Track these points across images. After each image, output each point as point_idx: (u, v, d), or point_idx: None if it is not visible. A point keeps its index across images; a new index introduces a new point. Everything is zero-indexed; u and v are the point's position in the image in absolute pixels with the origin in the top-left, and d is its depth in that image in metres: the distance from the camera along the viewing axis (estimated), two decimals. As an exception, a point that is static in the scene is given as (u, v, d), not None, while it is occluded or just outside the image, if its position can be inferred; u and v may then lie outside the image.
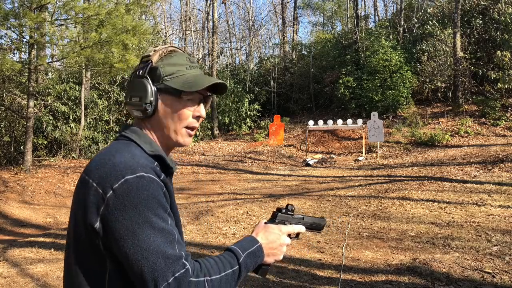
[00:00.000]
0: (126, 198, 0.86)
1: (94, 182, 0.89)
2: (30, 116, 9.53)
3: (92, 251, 0.90)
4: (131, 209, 0.85)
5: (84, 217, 0.89)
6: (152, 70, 1.01)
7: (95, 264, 0.91)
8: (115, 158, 0.92)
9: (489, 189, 6.85)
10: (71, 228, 0.96)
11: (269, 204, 6.79)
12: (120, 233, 0.85)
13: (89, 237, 0.89)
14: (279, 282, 3.55)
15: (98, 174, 0.90)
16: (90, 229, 0.88)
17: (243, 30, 35.03)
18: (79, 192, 0.93)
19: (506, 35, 14.27)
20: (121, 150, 0.95)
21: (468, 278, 3.45)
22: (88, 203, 0.88)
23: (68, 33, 9.34)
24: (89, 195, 0.89)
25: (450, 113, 15.18)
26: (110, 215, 0.86)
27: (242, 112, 19.76)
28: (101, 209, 0.87)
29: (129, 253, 0.84)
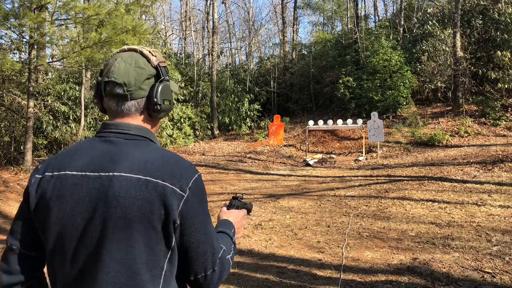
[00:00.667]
0: (198, 194, 1.01)
1: (166, 182, 0.96)
2: (30, 116, 9.53)
3: (156, 243, 0.95)
4: (202, 203, 1.02)
5: (161, 215, 0.94)
6: None
7: (155, 258, 0.96)
8: (175, 159, 1.02)
9: (489, 189, 6.85)
10: (116, 229, 0.93)
11: (269, 204, 6.79)
12: (196, 225, 0.99)
13: (162, 232, 0.95)
14: (279, 282, 3.55)
15: (167, 175, 0.97)
16: (170, 225, 0.95)
17: (243, 30, 35.08)
18: (136, 193, 0.94)
19: (506, 35, 14.27)
20: (161, 149, 1.05)
21: (468, 278, 3.45)
22: (166, 201, 0.95)
23: (68, 33, 9.34)
24: (165, 195, 0.95)
25: (450, 113, 15.17)
26: (189, 211, 0.98)
27: (242, 112, 19.75)
28: (180, 207, 0.96)
29: (201, 240, 1.00)
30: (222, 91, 20.34)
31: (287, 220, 5.74)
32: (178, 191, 0.96)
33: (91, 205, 0.96)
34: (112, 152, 1.00)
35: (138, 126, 1.06)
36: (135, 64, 1.06)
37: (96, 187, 0.96)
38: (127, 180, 0.95)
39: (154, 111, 1.07)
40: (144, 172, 0.96)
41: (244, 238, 4.94)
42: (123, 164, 0.97)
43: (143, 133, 1.05)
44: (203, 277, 1.02)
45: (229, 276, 3.72)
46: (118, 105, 1.06)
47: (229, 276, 3.72)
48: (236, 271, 3.83)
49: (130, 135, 1.03)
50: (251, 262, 4.09)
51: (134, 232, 0.93)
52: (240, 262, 4.07)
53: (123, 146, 1.01)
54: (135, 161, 0.97)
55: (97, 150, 1.02)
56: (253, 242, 4.76)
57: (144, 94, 1.07)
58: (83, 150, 1.03)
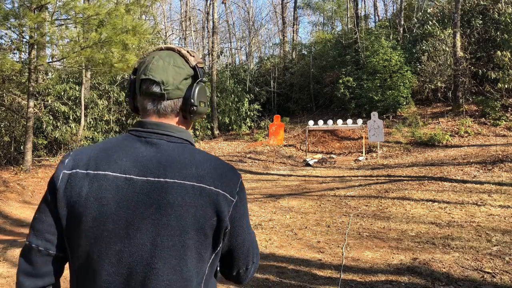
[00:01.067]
0: (243, 198, 1.03)
1: (218, 188, 0.96)
2: (30, 116, 9.53)
3: (205, 249, 0.96)
4: (246, 206, 1.05)
5: (213, 221, 0.95)
6: None
7: (202, 263, 0.96)
8: (221, 164, 1.02)
9: (489, 189, 6.85)
10: (170, 237, 0.92)
11: (269, 204, 6.79)
12: (243, 227, 1.02)
13: (213, 238, 0.96)
14: (279, 282, 3.55)
15: (218, 181, 0.97)
16: (222, 231, 0.97)
17: (243, 30, 35.09)
18: (191, 201, 0.92)
19: (506, 35, 14.27)
20: (205, 153, 1.04)
21: (468, 278, 3.45)
22: (218, 207, 0.95)
23: (68, 33, 9.33)
24: (218, 201, 0.95)
25: (450, 113, 15.17)
26: (237, 215, 1.00)
27: (242, 112, 19.76)
28: (230, 211, 0.97)
29: (246, 239, 1.04)
30: (222, 91, 20.34)
31: (287, 220, 5.74)
32: (229, 197, 0.97)
33: (137, 210, 0.92)
34: (158, 156, 0.96)
35: (180, 128, 1.03)
36: (174, 63, 1.03)
37: (145, 192, 0.92)
38: (181, 187, 0.92)
39: (190, 113, 1.04)
40: (197, 179, 0.94)
41: (244, 238, 4.95)
42: (174, 169, 0.94)
43: (185, 136, 1.03)
44: (244, 270, 1.06)
45: (229, 276, 3.72)
46: (154, 104, 1.02)
47: (229, 276, 3.72)
48: (236, 271, 3.83)
49: (173, 138, 1.00)
50: (251, 262, 4.09)
51: (187, 239, 0.92)
52: (240, 262, 4.07)
53: (168, 149, 0.97)
54: (186, 167, 0.95)
55: (140, 151, 0.97)
56: (253, 242, 4.76)
57: (181, 95, 1.03)
58: (123, 150, 0.98)
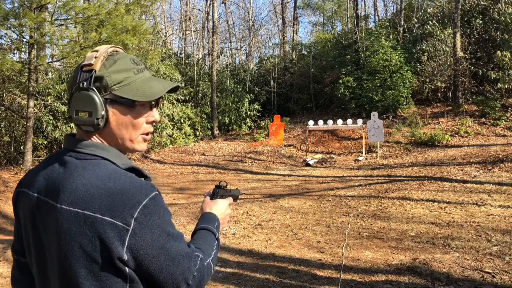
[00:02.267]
0: (149, 222, 0.88)
1: (105, 216, 0.85)
2: (30, 116, 9.53)
3: (107, 277, 0.88)
4: (156, 229, 0.89)
5: (104, 252, 0.85)
6: (97, 79, 0.93)
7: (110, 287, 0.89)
8: (113, 183, 0.88)
9: (489, 189, 6.85)
10: (59, 267, 0.89)
11: (269, 204, 6.79)
12: (153, 254, 0.88)
13: (112, 269, 0.87)
14: (279, 282, 3.55)
15: (106, 207, 0.85)
16: (117, 261, 0.86)
17: (243, 30, 35.06)
18: (76, 229, 0.86)
19: (506, 35, 14.27)
20: (108, 172, 0.90)
21: (468, 278, 3.45)
22: (105, 238, 0.84)
23: (68, 33, 9.34)
24: (104, 230, 0.84)
25: (450, 113, 15.17)
26: (139, 243, 0.87)
27: (242, 112, 19.76)
28: (126, 240, 0.85)
29: (163, 266, 0.90)
30: (222, 91, 20.34)
31: (287, 220, 5.74)
32: (120, 225, 0.85)
33: (42, 232, 0.93)
34: (60, 177, 0.92)
35: (90, 142, 0.95)
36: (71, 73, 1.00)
37: (44, 215, 0.92)
38: (67, 214, 0.87)
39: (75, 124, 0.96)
40: (82, 206, 0.86)
41: (244, 238, 4.95)
42: (65, 194, 0.88)
43: (96, 151, 0.94)
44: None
45: (229, 276, 3.72)
46: None
47: (229, 276, 3.72)
48: (236, 271, 3.83)
49: (80, 154, 0.94)
50: (251, 262, 4.09)
51: (78, 268, 0.87)
52: (240, 262, 4.07)
53: (72, 168, 0.92)
54: (76, 191, 0.88)
55: (53, 170, 0.95)
56: (253, 242, 4.76)
57: None
58: (45, 168, 0.97)
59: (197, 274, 0.96)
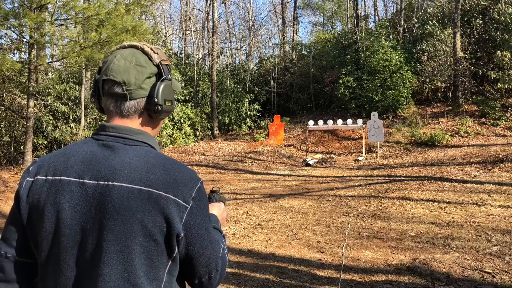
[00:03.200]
0: (201, 204, 0.98)
1: (169, 194, 0.91)
2: (30, 116, 9.53)
3: (158, 255, 0.92)
4: (205, 212, 1.00)
5: (164, 228, 0.91)
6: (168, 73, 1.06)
7: (156, 270, 0.92)
8: (171, 165, 0.96)
9: (489, 189, 6.85)
10: (115, 242, 0.90)
11: (269, 204, 6.79)
12: (201, 234, 0.97)
13: (166, 246, 0.92)
14: (279, 282, 3.55)
15: (169, 185, 0.92)
16: (173, 238, 0.92)
17: (243, 30, 35.05)
18: (138, 206, 0.89)
19: (506, 35, 14.28)
20: (161, 156, 0.99)
21: (468, 278, 3.45)
22: (168, 214, 0.90)
23: (68, 33, 9.33)
24: (167, 206, 0.90)
25: (450, 113, 15.18)
26: (193, 221, 0.95)
27: (242, 112, 19.76)
28: (184, 218, 0.93)
29: (205, 247, 0.98)
30: (222, 91, 20.34)
31: (287, 220, 5.74)
32: (181, 203, 0.92)
33: (89, 215, 0.91)
34: (111, 159, 0.94)
35: (138, 130, 1.01)
36: (136, 62, 1.00)
37: (95, 197, 0.91)
38: (128, 191, 0.90)
39: (154, 112, 1.01)
40: (146, 183, 0.91)
41: (244, 238, 4.95)
42: (123, 173, 0.91)
43: (144, 139, 1.00)
44: (207, 279, 1.01)
45: (229, 276, 3.72)
46: (116, 105, 1.00)
47: (229, 276, 3.72)
48: (236, 271, 3.83)
49: (130, 140, 0.98)
50: (251, 262, 4.09)
51: (134, 245, 0.89)
52: (240, 262, 4.07)
53: (123, 152, 0.95)
54: (137, 170, 0.92)
55: (95, 155, 0.95)
56: (253, 242, 4.76)
57: (145, 94, 1.01)
58: (80, 154, 0.96)
59: (221, 262, 1.04)
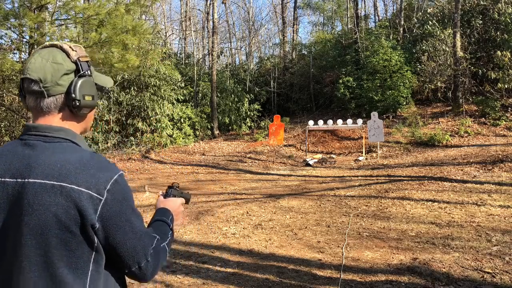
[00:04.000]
0: (119, 195, 0.99)
1: (81, 187, 0.95)
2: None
3: (77, 246, 0.95)
4: (124, 203, 1.01)
5: (78, 220, 0.94)
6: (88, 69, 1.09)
7: (77, 260, 0.96)
8: (86, 160, 0.99)
9: (489, 189, 6.85)
10: (32, 236, 0.94)
11: (269, 204, 6.79)
12: (120, 225, 0.99)
13: (83, 237, 0.95)
14: (279, 282, 3.55)
15: (82, 179, 0.95)
16: (89, 229, 0.95)
17: (243, 30, 35.04)
18: (51, 200, 0.93)
19: (506, 35, 14.28)
20: (79, 151, 1.02)
21: (468, 278, 3.45)
22: (81, 206, 0.94)
23: (68, 33, 9.33)
24: (80, 199, 0.94)
25: (450, 113, 15.18)
26: (110, 213, 0.97)
27: (242, 112, 19.76)
28: (98, 210, 0.96)
29: (127, 238, 1.01)
30: (222, 91, 20.34)
31: (287, 220, 5.74)
32: (94, 195, 0.95)
33: (9, 212, 0.96)
34: (29, 157, 0.98)
35: (58, 127, 1.04)
36: (52, 60, 1.03)
37: (14, 194, 0.96)
38: (41, 187, 0.94)
39: (73, 107, 1.04)
40: (58, 178, 0.94)
41: (244, 238, 4.95)
42: (38, 169, 0.96)
43: (64, 135, 1.03)
44: (138, 268, 1.04)
45: (229, 276, 3.72)
46: (37, 103, 1.04)
47: (229, 276, 3.72)
48: (236, 271, 3.83)
49: (50, 137, 1.01)
50: (251, 262, 4.09)
51: (50, 237, 0.93)
52: (240, 262, 4.07)
53: (41, 150, 0.99)
54: (51, 166, 0.96)
55: (16, 154, 1.00)
56: (253, 242, 4.76)
57: (63, 90, 1.04)
58: (4, 155, 1.01)
59: (153, 253, 1.07)
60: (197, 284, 3.57)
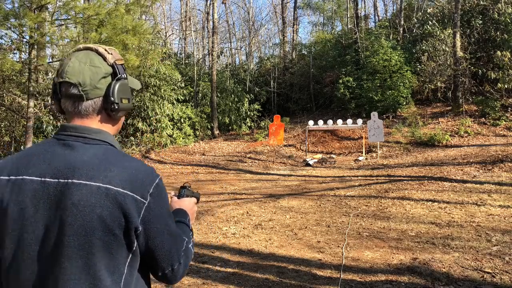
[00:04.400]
0: (160, 199, 1.01)
1: (126, 189, 0.96)
2: (30, 116, 9.53)
3: (118, 249, 0.96)
4: (164, 207, 1.03)
5: (122, 223, 0.95)
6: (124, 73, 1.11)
7: (116, 263, 0.96)
8: (129, 163, 1.01)
9: (489, 189, 6.86)
10: (76, 237, 0.93)
11: (269, 204, 6.79)
12: (160, 228, 1.01)
13: (125, 240, 0.96)
14: (279, 282, 3.55)
15: (126, 182, 0.96)
16: (132, 232, 0.96)
17: (243, 30, 35.03)
18: (97, 202, 0.93)
19: (506, 35, 14.28)
20: (120, 154, 1.04)
21: (468, 278, 3.45)
22: (126, 209, 0.95)
23: (68, 33, 9.33)
24: (125, 202, 0.95)
25: (450, 113, 15.18)
26: (151, 216, 0.99)
27: (242, 112, 19.75)
28: (141, 213, 0.97)
29: (165, 241, 1.03)
30: (222, 91, 20.34)
31: (287, 220, 5.74)
32: (139, 198, 0.96)
33: (51, 212, 0.94)
34: (70, 157, 0.98)
35: (97, 129, 1.04)
36: (90, 63, 1.04)
37: (56, 194, 0.95)
38: (86, 188, 0.94)
39: (112, 110, 1.05)
40: (104, 180, 0.95)
41: (244, 238, 4.95)
42: (82, 171, 0.95)
43: (103, 137, 1.04)
44: (171, 271, 1.06)
45: (229, 276, 3.72)
46: (74, 106, 1.04)
47: (229, 276, 3.72)
48: (236, 271, 3.83)
49: (89, 139, 1.02)
50: (251, 262, 4.09)
51: (94, 239, 0.93)
52: (240, 262, 4.08)
53: (82, 151, 0.99)
54: (95, 168, 0.96)
55: (56, 154, 0.99)
56: (253, 242, 4.76)
57: (101, 94, 1.05)
58: (42, 154, 1.00)
59: (184, 255, 1.09)
60: (197, 284, 3.57)
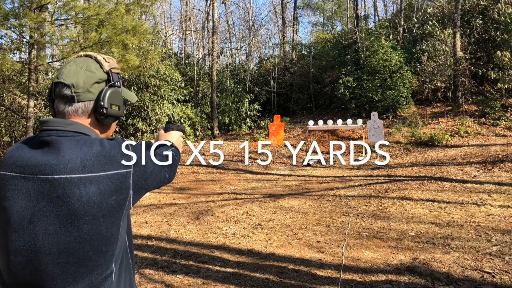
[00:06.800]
0: (140, 159, 1.08)
1: (110, 170, 1.01)
2: (30, 116, 9.53)
3: (111, 224, 1.01)
4: (147, 160, 1.11)
5: (112, 199, 1.00)
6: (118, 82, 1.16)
7: (111, 232, 1.01)
8: (98, 146, 1.04)
9: (489, 189, 6.86)
10: (62, 225, 0.97)
11: (269, 204, 6.79)
12: (149, 176, 1.11)
13: (118, 212, 1.02)
14: (279, 282, 3.55)
15: (105, 164, 1.01)
16: (126, 200, 1.03)
17: (243, 30, 35.03)
18: (81, 191, 0.97)
19: (506, 35, 14.27)
20: (90, 140, 1.05)
21: (468, 278, 3.45)
22: (114, 187, 1.00)
23: (68, 33, 9.33)
24: (112, 182, 1.00)
25: (450, 113, 15.17)
26: (140, 174, 1.08)
27: (242, 112, 19.75)
28: (131, 179, 1.04)
29: (154, 175, 1.13)
30: (222, 91, 20.33)
31: (287, 220, 5.74)
32: (123, 171, 1.02)
33: (32, 204, 0.97)
34: (47, 153, 1.00)
35: (70, 122, 1.06)
36: (86, 68, 1.09)
37: (36, 189, 0.97)
38: (68, 181, 0.96)
39: (100, 115, 1.09)
40: (83, 170, 0.97)
41: (244, 238, 4.95)
42: (60, 166, 0.97)
43: (76, 128, 1.05)
44: (165, 181, 1.19)
45: (229, 276, 3.72)
46: (65, 107, 1.07)
47: (229, 276, 3.72)
48: (236, 271, 3.83)
49: (62, 131, 1.03)
50: (251, 262, 4.09)
51: (82, 224, 0.96)
52: (240, 262, 4.08)
53: (57, 145, 1.01)
54: (71, 161, 0.98)
55: (34, 150, 1.02)
56: (253, 242, 4.76)
57: (93, 97, 1.09)
58: (23, 150, 1.03)
59: (171, 163, 1.21)
60: (197, 284, 3.57)
